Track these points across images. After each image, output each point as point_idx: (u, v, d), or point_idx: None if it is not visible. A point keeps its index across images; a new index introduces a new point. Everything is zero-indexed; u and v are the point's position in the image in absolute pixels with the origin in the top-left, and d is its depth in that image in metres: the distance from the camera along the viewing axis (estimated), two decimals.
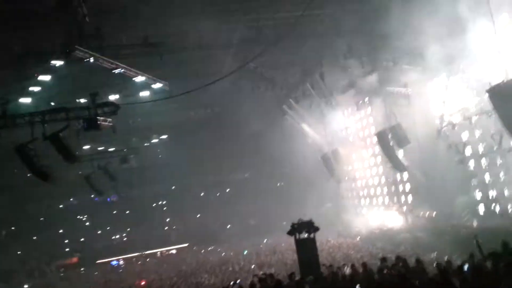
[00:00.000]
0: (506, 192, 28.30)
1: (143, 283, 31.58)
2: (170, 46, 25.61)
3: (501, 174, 28.63)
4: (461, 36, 24.40)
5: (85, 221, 59.78)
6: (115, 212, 58.95)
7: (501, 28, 24.28)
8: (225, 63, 24.89)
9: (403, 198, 39.51)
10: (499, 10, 23.51)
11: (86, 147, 40.10)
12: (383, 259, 15.15)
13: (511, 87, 18.91)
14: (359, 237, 35.97)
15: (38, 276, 46.25)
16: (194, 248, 51.89)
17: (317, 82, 34.12)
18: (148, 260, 50.05)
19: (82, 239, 57.60)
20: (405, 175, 37.21)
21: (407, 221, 35.89)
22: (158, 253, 53.37)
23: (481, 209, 30.39)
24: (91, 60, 23.45)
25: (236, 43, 25.46)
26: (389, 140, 28.95)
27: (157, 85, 29.22)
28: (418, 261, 14.05)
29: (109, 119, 30.40)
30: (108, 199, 56.95)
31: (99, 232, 58.99)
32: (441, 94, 30.05)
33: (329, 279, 14.28)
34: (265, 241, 45.14)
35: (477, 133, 29.30)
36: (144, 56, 26.24)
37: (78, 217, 59.55)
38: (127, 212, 58.88)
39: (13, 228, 51.96)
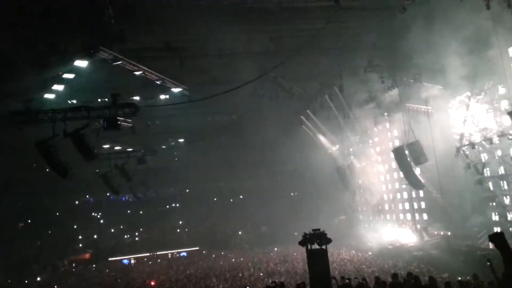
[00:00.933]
0: None
1: (153, 283, 31.81)
2: (191, 51, 26.00)
3: None
4: (484, 56, 24.19)
5: (99, 219, 60.61)
6: (129, 211, 59.70)
7: None
8: (245, 72, 25.03)
9: (417, 215, 38.95)
10: None
11: (105, 146, 40.78)
12: (395, 275, 14.97)
13: None
14: (370, 252, 35.56)
15: (51, 269, 47.05)
16: (205, 252, 52.07)
17: (336, 95, 34.11)
18: (158, 261, 50.42)
19: (95, 236, 58.46)
20: (421, 192, 36.75)
21: (421, 239, 35.33)
22: (169, 254, 53.70)
23: (498, 231, 29.77)
24: (114, 61, 23.94)
25: (256, 52, 25.64)
26: (407, 156, 28.61)
27: (177, 89, 29.63)
28: (432, 279, 13.82)
29: (128, 120, 31.10)
30: (123, 199, 57.77)
31: (112, 230, 59.75)
32: (461, 113, 29.67)
33: None
34: (275, 249, 44.99)
35: (497, 154, 28.82)
36: (165, 61, 26.71)
37: (93, 214, 60.48)
38: (141, 212, 59.52)
39: (29, 221, 53.05)
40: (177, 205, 62.83)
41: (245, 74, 24.47)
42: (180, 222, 61.73)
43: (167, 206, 62.34)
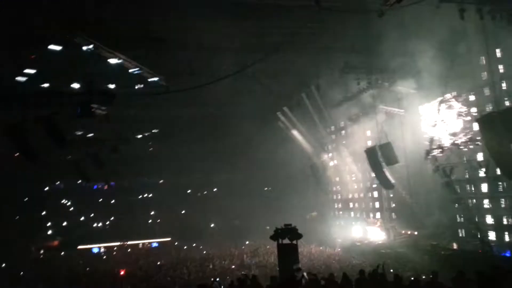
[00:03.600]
0: (488, 219, 28.91)
1: (122, 272, 31.60)
2: (170, 42, 25.71)
3: (485, 201, 29.26)
4: (456, 64, 24.98)
5: (70, 206, 59.50)
6: (100, 200, 58.82)
7: (495, 61, 25.07)
8: (223, 66, 25.01)
9: (386, 214, 39.99)
10: (495, 45, 24.33)
11: (77, 132, 39.98)
12: (361, 272, 15.37)
13: (499, 118, 19.45)
14: (340, 248, 36.37)
15: (17, 256, 45.99)
16: (177, 243, 51.97)
17: (313, 94, 34.54)
18: (129, 250, 50.02)
19: (64, 223, 57.37)
20: (391, 192, 37.74)
21: (389, 237, 36.36)
22: (140, 244, 53.37)
23: (462, 232, 30.98)
24: (91, 47, 23.45)
25: (236, 47, 25.61)
26: (379, 157, 29.32)
27: (154, 79, 29.26)
28: (396, 276, 14.27)
29: (103, 107, 30.52)
30: (95, 187, 56.87)
31: (83, 218, 58.78)
32: (433, 117, 30.57)
33: (307, 286, 14.43)
34: (247, 242, 45.35)
35: (465, 159, 29.86)
36: (143, 50, 26.31)
37: (63, 201, 59.30)
38: (113, 201, 58.77)
39: None
40: (150, 195, 62.35)
41: (224, 68, 24.44)
42: (152, 213, 61.32)
43: (140, 196, 61.78)
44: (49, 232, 55.63)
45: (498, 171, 23.51)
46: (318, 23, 22.27)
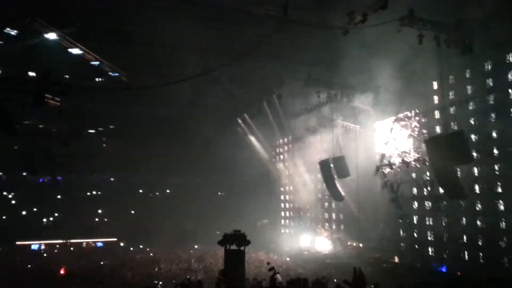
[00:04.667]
0: (428, 235, 30.48)
1: (62, 272, 30.34)
2: (136, 37, 25.37)
3: (427, 218, 30.85)
4: (411, 86, 26.40)
5: (11, 199, 56.31)
6: (45, 194, 56.08)
7: (447, 87, 26.74)
8: (188, 67, 24.93)
9: (334, 225, 41.15)
10: (448, 72, 25.97)
11: (27, 122, 38.21)
12: (305, 280, 15.75)
13: (445, 141, 20.71)
14: (286, 255, 36.91)
15: None
16: (123, 244, 50.53)
17: (274, 103, 35.18)
18: (72, 249, 48.03)
19: (3, 217, 54.15)
20: (341, 204, 38.88)
21: (335, 248, 37.41)
22: (84, 243, 51.38)
23: (404, 247, 32.47)
24: (51, 35, 22.69)
25: (203, 49, 25.67)
26: (331, 169, 30.18)
27: (114, 74, 28.68)
28: (338, 286, 14.77)
29: (57, 98, 29.39)
30: (41, 180, 54.20)
31: (24, 212, 55.76)
32: (386, 135, 31.96)
33: None
34: (196, 247, 44.97)
35: (412, 176, 31.38)
36: (106, 43, 25.77)
37: (4, 193, 56.01)
38: (59, 196, 56.24)
39: None
40: (99, 192, 60.21)
41: (188, 69, 24.37)
42: (100, 211, 59.24)
43: (88, 193, 59.46)
44: None
45: (441, 191, 24.88)
46: (285, 34, 22.79)
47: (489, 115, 25.41)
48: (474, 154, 23.76)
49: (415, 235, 31.54)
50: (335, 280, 21.55)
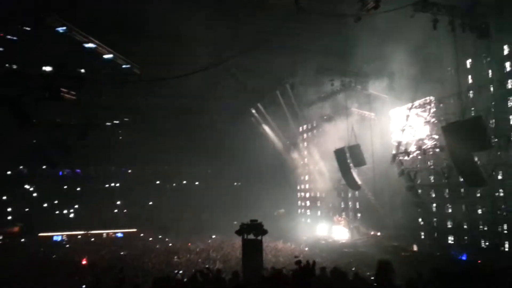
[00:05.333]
0: (448, 223, 30.07)
1: (84, 262, 31.02)
2: (147, 30, 25.38)
3: (446, 206, 30.41)
4: (427, 73, 25.79)
5: (33, 192, 57.63)
6: (65, 187, 57.27)
7: (464, 72, 26.03)
8: (201, 58, 24.83)
9: (351, 214, 40.93)
10: (465, 57, 25.27)
11: (45, 116, 38.76)
12: (323, 269, 15.67)
13: (463, 127, 20.23)
14: (303, 244, 36.90)
15: None
16: (142, 234, 51.32)
17: (287, 92, 34.90)
18: (92, 240, 49.04)
19: (26, 209, 55.53)
20: (357, 193, 38.61)
21: (352, 236, 37.23)
22: (104, 234, 52.38)
23: (423, 235, 32.12)
24: (64, 29, 22.84)
25: (215, 40, 25.54)
26: (347, 158, 29.91)
27: (127, 66, 28.76)
28: (357, 275, 14.63)
29: (73, 92, 29.69)
30: (60, 173, 55.32)
31: (45, 205, 57.06)
32: (401, 122, 31.43)
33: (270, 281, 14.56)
34: (213, 237, 45.36)
35: (429, 164, 30.89)
36: (119, 36, 25.87)
37: (26, 186, 57.38)
38: (78, 188, 57.34)
39: None
40: (117, 184, 61.13)
41: (201, 61, 24.28)
42: (119, 202, 60.22)
43: (107, 185, 60.43)
44: (9, 217, 53.75)
45: (461, 178, 24.40)
46: (296, 23, 22.46)
47: (508, 100, 24.73)
48: (493, 140, 23.22)
49: (434, 223, 31.14)
50: (353, 269, 21.45)
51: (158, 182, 62.04)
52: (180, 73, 23.46)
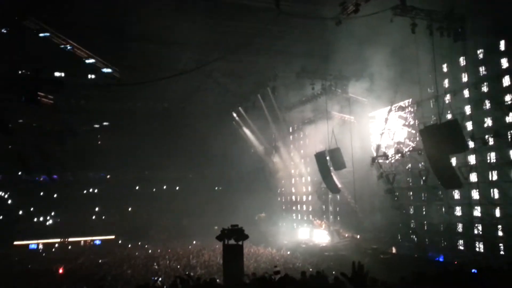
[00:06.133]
0: (425, 226, 30.62)
1: (61, 271, 30.28)
2: (128, 33, 25.12)
3: (424, 208, 30.97)
4: (406, 77, 26.35)
5: (7, 199, 55.99)
6: (42, 193, 55.83)
7: (440, 76, 26.71)
8: (181, 61, 24.77)
9: (332, 217, 41.26)
10: (442, 60, 25.94)
11: (21, 121, 37.96)
12: (303, 273, 15.75)
13: (440, 130, 20.69)
14: (284, 249, 36.94)
15: None
16: (121, 241, 50.47)
17: (268, 96, 35.04)
18: (70, 247, 47.95)
19: (0, 217, 53.82)
20: (337, 196, 38.96)
21: (333, 240, 37.52)
22: (82, 242, 51.26)
23: (401, 237, 32.61)
24: (41, 32, 22.46)
25: (196, 43, 25.47)
26: (327, 161, 30.17)
27: (107, 70, 28.45)
28: (336, 279, 14.75)
29: (50, 96, 29.20)
30: (37, 179, 53.95)
31: (21, 212, 55.47)
32: (380, 125, 31.95)
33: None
34: (194, 242, 44.99)
35: (407, 167, 31.47)
36: (99, 39, 25.53)
37: (0, 193, 55.71)
38: (55, 195, 55.97)
39: None
40: (96, 190, 59.97)
41: (182, 64, 24.22)
42: (97, 209, 59.04)
43: (85, 191, 59.20)
44: None
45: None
46: (278, 26, 22.66)
47: (483, 103, 25.45)
48: (470, 143, 23.84)
49: (412, 225, 31.67)
50: (333, 272, 21.58)
51: (137, 187, 61.16)
52: (161, 76, 23.38)
